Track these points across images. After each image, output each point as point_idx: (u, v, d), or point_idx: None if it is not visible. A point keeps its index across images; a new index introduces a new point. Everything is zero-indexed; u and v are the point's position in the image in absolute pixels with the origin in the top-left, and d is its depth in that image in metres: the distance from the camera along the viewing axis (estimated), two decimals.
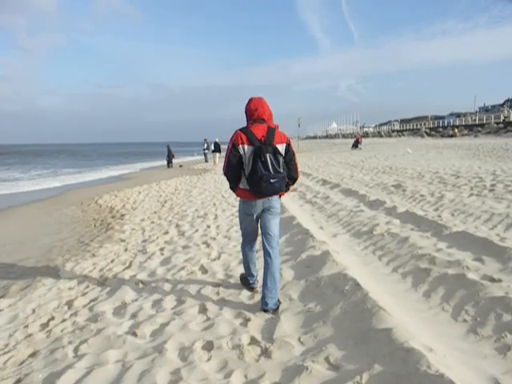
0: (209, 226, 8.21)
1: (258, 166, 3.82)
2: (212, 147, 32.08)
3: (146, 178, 23.22)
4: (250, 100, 4.14)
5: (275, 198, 4.11)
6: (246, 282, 4.71)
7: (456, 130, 55.41)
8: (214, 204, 11.12)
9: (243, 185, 4.08)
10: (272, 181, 3.84)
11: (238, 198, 4.32)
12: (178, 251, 6.55)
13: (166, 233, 8.06)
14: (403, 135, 75.49)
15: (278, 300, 4.23)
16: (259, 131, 3.98)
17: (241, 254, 4.63)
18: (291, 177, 4.16)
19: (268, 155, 3.83)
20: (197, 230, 7.95)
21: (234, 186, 4.19)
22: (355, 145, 35.40)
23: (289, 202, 10.10)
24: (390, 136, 78.75)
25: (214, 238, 7.20)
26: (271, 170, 3.83)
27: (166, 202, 12.60)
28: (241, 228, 4.46)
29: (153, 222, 9.46)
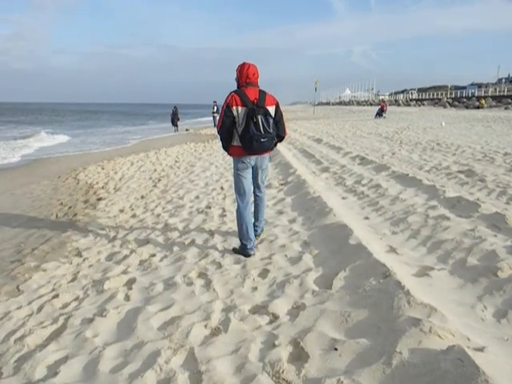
0: (212, 234, 5.41)
1: (250, 127, 4.20)
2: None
3: (146, 144, 20.42)
4: (247, 65, 4.41)
5: (267, 156, 4.70)
6: (243, 248, 4.68)
7: (483, 101, 51.87)
8: (222, 188, 8.31)
9: (236, 142, 4.40)
10: (262, 140, 4.25)
11: (231, 163, 4.77)
12: (156, 295, 3.75)
13: (147, 243, 5.29)
14: (423, 105, 72.01)
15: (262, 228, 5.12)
16: (252, 94, 4.32)
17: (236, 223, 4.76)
18: (279, 135, 4.62)
19: (260, 117, 4.23)
20: (193, 242, 5.16)
21: (226, 145, 4.54)
22: (379, 113, 32.17)
23: (325, 191, 7.28)
24: (409, 105, 75.18)
25: (220, 265, 4.39)
26: (262, 130, 4.23)
27: (159, 180, 9.80)
28: (236, 191, 4.72)
29: (134, 217, 6.71)
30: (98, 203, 7.78)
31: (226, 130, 4.35)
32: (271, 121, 4.31)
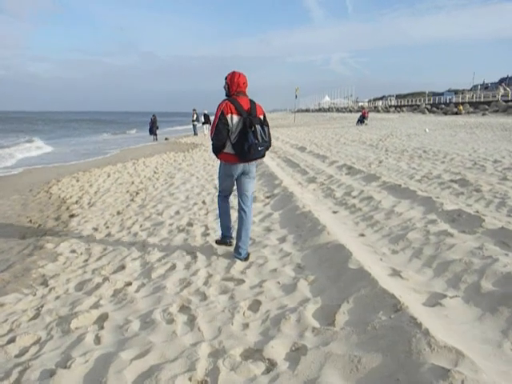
0: (194, 257, 4.89)
1: (248, 136, 4.28)
2: (202, 119, 29.96)
3: (125, 154, 19.77)
4: (238, 74, 4.49)
5: (253, 163, 4.65)
6: (223, 238, 5.06)
7: (461, 107, 52.36)
8: (204, 202, 7.79)
9: (227, 149, 4.46)
10: (260, 148, 4.36)
11: (219, 162, 4.76)
12: (131, 336, 3.21)
13: (122, 268, 4.76)
14: (402, 111, 72.53)
15: (248, 254, 4.79)
16: (245, 103, 4.42)
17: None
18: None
19: (257, 126, 4.33)
20: (173, 267, 4.63)
21: (218, 152, 4.53)
22: (361, 120, 31.95)
23: (315, 205, 6.83)
24: (388, 111, 75.71)
25: (205, 296, 3.85)
26: (259, 139, 4.32)
27: (137, 193, 9.24)
28: (219, 186, 4.93)
29: (109, 236, 6.15)
30: (71, 220, 7.20)
31: (221, 137, 4.39)
32: (266, 130, 4.47)
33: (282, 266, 4.41)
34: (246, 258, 4.73)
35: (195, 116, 30.74)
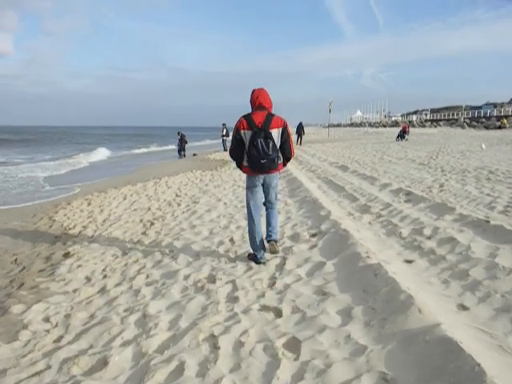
0: (216, 348, 3.14)
1: (251, 149, 4.59)
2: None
3: (148, 171, 18.35)
4: (253, 91, 4.80)
5: (274, 175, 4.89)
6: (254, 256, 5.05)
7: (505, 121, 49.74)
8: (232, 241, 6.10)
9: (245, 162, 4.80)
10: (262, 161, 4.60)
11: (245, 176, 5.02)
12: None
13: (104, 364, 3.06)
14: (439, 125, 70.00)
15: (276, 241, 5.09)
16: (259, 117, 4.65)
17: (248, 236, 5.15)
18: (285, 156, 4.95)
19: (259, 140, 4.56)
20: (181, 368, 2.91)
21: (238, 165, 4.94)
22: (401, 135, 29.88)
23: (379, 249, 5.07)
24: (424, 126, 73.23)
25: None
26: (261, 152, 4.56)
27: (152, 224, 7.63)
28: (248, 206, 5.04)
29: (102, 294, 4.51)
30: (62, 263, 5.60)
31: (236, 151, 4.84)
32: (271, 144, 4.61)
33: (355, 377, 2.66)
34: (277, 242, 5.15)
35: (225, 131, 29.30)
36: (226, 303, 3.92)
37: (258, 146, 4.57)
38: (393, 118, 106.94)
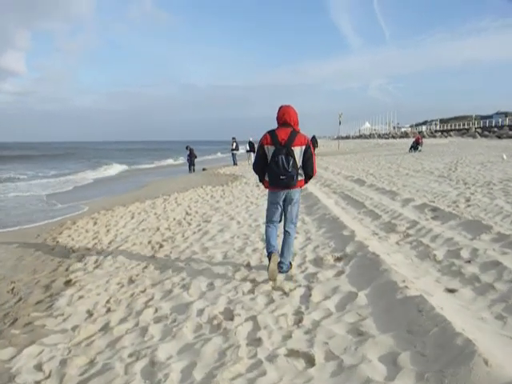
0: None
1: (272, 165, 4.65)
2: (247, 147, 28.33)
3: (157, 187, 17.87)
4: (280, 108, 4.86)
5: (295, 190, 4.87)
6: (268, 255, 4.92)
7: None
8: (248, 266, 5.55)
9: (267, 177, 4.82)
10: (281, 177, 4.63)
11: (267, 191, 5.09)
12: None
13: None
14: (450, 135, 69.16)
15: (290, 263, 5.18)
16: (283, 134, 4.70)
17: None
18: (307, 174, 4.90)
19: (281, 156, 4.60)
20: None
21: (261, 179, 5.00)
22: (414, 146, 29.21)
23: (415, 275, 4.49)
24: (434, 136, 72.35)
25: None
26: (282, 169, 4.60)
27: (161, 246, 7.10)
28: (266, 216, 5.14)
29: (104, 332, 3.97)
30: (61, 295, 5.08)
31: (259, 166, 4.90)
32: (291, 161, 4.62)
33: None
34: (287, 272, 5.10)
35: (234, 145, 28.82)
36: (248, 347, 3.36)
37: (278, 162, 4.62)
38: (402, 129, 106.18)
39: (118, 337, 3.83)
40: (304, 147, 4.75)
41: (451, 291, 4.21)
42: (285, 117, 4.78)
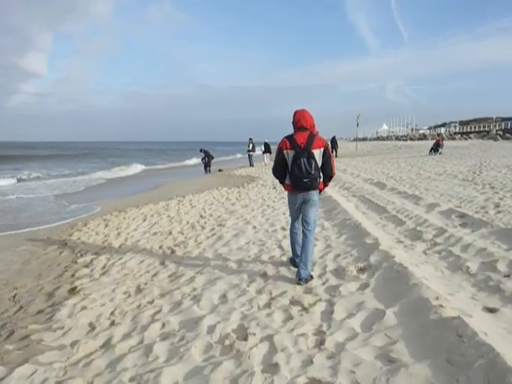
0: None
1: (294, 168, 4.70)
2: (262, 148, 28.97)
3: (172, 188, 17.58)
4: (295, 112, 4.90)
5: (313, 192, 4.87)
6: (293, 261, 5.33)
7: None
8: (265, 276, 5.15)
9: (287, 180, 4.97)
10: (305, 180, 4.69)
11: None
12: None
13: None
14: (470, 138, 67.98)
15: (311, 276, 4.94)
16: (301, 138, 4.75)
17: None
18: (327, 175, 4.96)
19: (302, 160, 4.65)
20: None
21: (281, 182, 5.10)
22: (435, 148, 28.52)
23: (447, 291, 4.05)
24: (454, 138, 71.16)
25: None
26: (304, 171, 4.65)
27: (173, 251, 6.74)
28: (290, 215, 5.27)
29: (106, 348, 3.61)
30: (63, 305, 4.75)
31: (279, 170, 4.99)
32: (313, 163, 4.68)
33: None
34: (307, 280, 4.85)
35: (251, 146, 28.43)
36: (263, 374, 2.97)
37: (300, 166, 4.66)
38: (420, 131, 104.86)
39: (120, 356, 3.47)
40: (322, 149, 4.81)
41: (491, 311, 3.76)
42: (301, 121, 4.82)
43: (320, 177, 4.86)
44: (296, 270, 4.99)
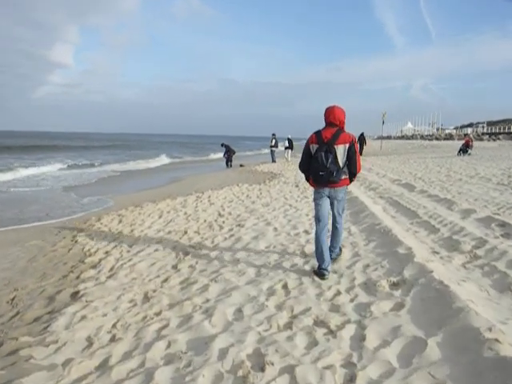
0: None
1: (312, 161, 4.83)
2: (286, 143, 28.27)
3: (192, 182, 17.18)
4: (327, 108, 4.93)
5: (339, 189, 4.96)
6: (318, 268, 4.96)
7: None
8: (286, 288, 4.63)
9: (311, 175, 4.96)
10: (320, 173, 4.76)
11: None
12: None
13: None
14: (498, 139, 66.31)
15: (340, 249, 5.48)
16: (328, 133, 4.83)
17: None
18: (351, 171, 4.95)
19: (320, 153, 4.73)
20: None
21: (306, 177, 5.14)
22: (463, 149, 27.49)
23: (499, 319, 3.47)
24: (481, 139, 69.41)
25: None
26: (320, 164, 4.72)
27: (187, 253, 6.26)
28: (315, 216, 5.12)
29: (101, 372, 3.14)
30: (62, 313, 4.30)
31: (305, 164, 5.03)
32: (330, 158, 4.71)
33: None
34: (338, 255, 5.41)
35: (273, 141, 27.87)
36: None
37: (317, 159, 4.75)
38: (446, 131, 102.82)
39: (117, 382, 3.00)
40: (348, 145, 4.83)
41: None
42: (330, 117, 4.90)
43: (343, 173, 4.88)
44: (321, 280, 4.87)
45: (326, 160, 4.70)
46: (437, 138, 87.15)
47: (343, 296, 4.31)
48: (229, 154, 26.51)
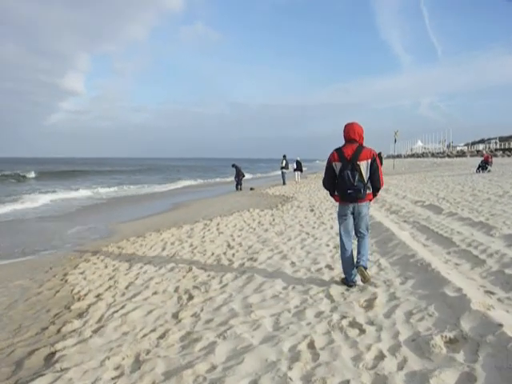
0: None
1: (339, 180, 4.90)
2: (294, 165, 28.19)
3: (200, 208, 16.30)
4: (346, 125, 5.02)
5: (363, 204, 5.02)
6: (346, 279, 5.20)
7: None
8: (312, 348, 3.62)
9: (336, 192, 5.08)
10: (349, 191, 4.84)
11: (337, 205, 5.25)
12: None
13: None
14: None
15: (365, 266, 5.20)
16: (349, 150, 4.91)
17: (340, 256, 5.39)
18: (374, 186, 5.03)
19: (346, 172, 4.81)
20: None
21: (331, 194, 5.22)
22: (483, 166, 26.37)
23: None
24: (495, 155, 68.21)
25: None
26: (348, 183, 4.80)
27: (191, 297, 5.30)
28: (339, 233, 5.23)
29: None
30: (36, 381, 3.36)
31: (329, 181, 5.13)
32: (357, 175, 4.79)
33: None
34: (366, 268, 5.10)
35: (284, 162, 27.07)
36: None
37: (344, 178, 4.81)
38: (457, 148, 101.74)
39: None
40: (370, 161, 4.92)
41: None
42: (350, 133, 4.97)
43: (367, 188, 4.94)
44: (349, 287, 5.13)
45: (353, 178, 4.79)
46: (448, 156, 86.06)
47: (388, 361, 3.31)
48: (239, 177, 25.75)
